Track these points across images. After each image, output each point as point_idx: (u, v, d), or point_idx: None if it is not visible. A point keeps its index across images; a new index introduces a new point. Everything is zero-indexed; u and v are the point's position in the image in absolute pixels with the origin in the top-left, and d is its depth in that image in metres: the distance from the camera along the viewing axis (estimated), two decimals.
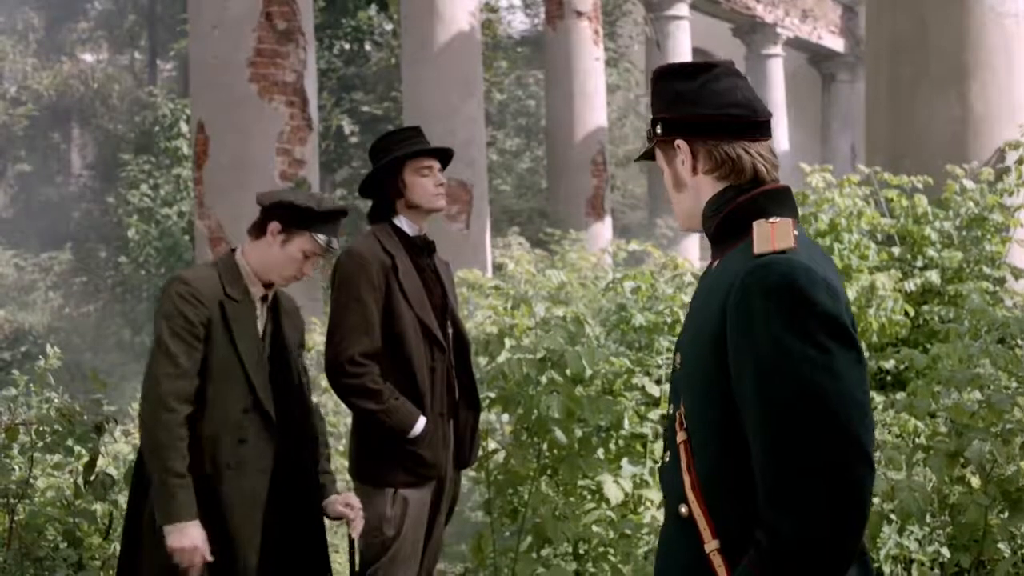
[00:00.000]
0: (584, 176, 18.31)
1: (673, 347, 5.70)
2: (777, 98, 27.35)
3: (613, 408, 4.94)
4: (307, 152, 9.85)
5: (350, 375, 4.39)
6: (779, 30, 27.22)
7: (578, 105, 18.26)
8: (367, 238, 4.63)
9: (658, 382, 5.53)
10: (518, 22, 23.64)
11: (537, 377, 4.90)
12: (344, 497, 4.24)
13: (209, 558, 3.78)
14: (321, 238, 4.02)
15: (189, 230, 12.38)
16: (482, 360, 5.16)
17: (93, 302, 16.45)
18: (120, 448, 6.58)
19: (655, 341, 5.56)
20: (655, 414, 5.54)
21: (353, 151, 17.81)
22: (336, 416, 7.98)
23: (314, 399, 8.45)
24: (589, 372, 4.97)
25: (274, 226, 4.03)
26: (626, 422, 5.34)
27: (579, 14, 18.50)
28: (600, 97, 18.82)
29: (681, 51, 23.76)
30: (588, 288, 7.53)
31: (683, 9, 23.72)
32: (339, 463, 7.55)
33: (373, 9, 18.18)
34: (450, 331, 4.70)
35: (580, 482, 5.38)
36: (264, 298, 4.12)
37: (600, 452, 5.27)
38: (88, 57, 26.62)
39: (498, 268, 12.64)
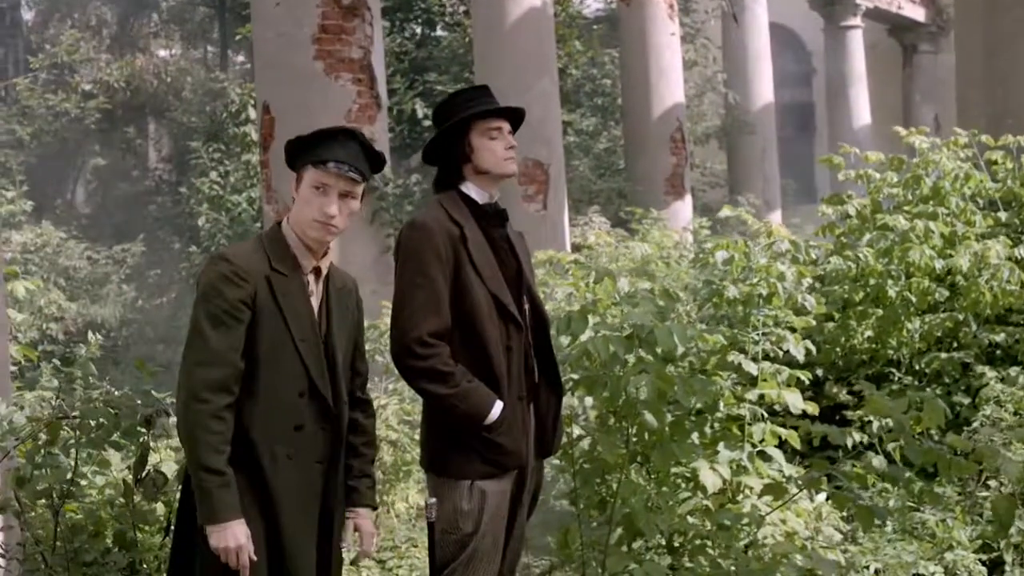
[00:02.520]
0: (663, 154, 17.78)
1: (769, 320, 5.29)
2: (858, 70, 26.74)
3: (709, 388, 4.51)
4: (376, 131, 9.49)
5: (418, 356, 4.01)
6: (858, 0, 26.53)
7: (654, 81, 17.74)
8: (432, 208, 4.24)
9: (755, 359, 5.08)
10: (594, 2, 23.13)
11: (624, 356, 4.48)
12: (360, 520, 3.93)
13: (254, 558, 3.46)
14: (326, 164, 3.62)
15: (259, 217, 12.08)
16: (563, 340, 4.74)
17: (166, 294, 16.28)
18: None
19: (750, 315, 5.11)
20: (753, 394, 5.09)
21: (427, 135, 17.45)
22: (412, 403, 7.63)
23: (389, 385, 8.19)
24: (680, 350, 4.53)
25: (294, 178, 3.71)
26: (721, 403, 4.91)
27: None
28: (677, 73, 18.29)
29: (759, 24, 23.23)
30: (671, 266, 7.07)
31: None
32: (414, 453, 7.20)
33: None
34: (527, 307, 4.31)
35: (673, 469, 4.95)
36: (317, 272, 3.75)
37: (694, 436, 4.84)
38: (162, 52, 26.58)
39: (576, 249, 12.23)
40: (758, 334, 5.04)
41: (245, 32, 15.74)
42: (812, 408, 5.25)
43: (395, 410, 7.25)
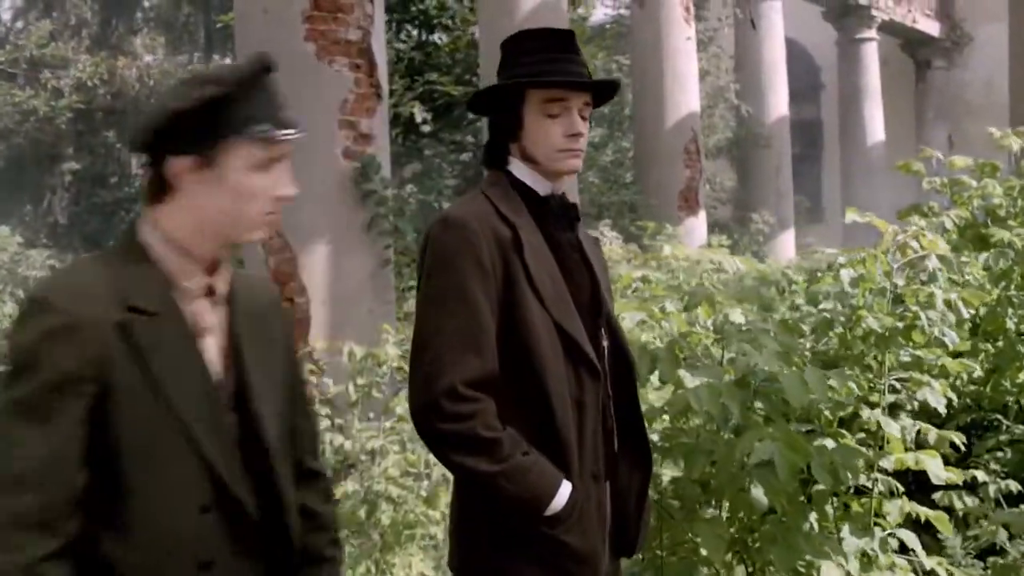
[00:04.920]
0: (676, 166, 16.62)
1: (914, 362, 4.03)
2: (872, 85, 25.69)
3: (854, 460, 3.23)
4: (375, 125, 8.19)
5: (449, 416, 2.72)
6: (874, 12, 25.47)
7: (669, 88, 16.55)
8: (473, 199, 2.95)
9: (893, 416, 3.79)
10: (600, 4, 21.97)
11: (731, 414, 3.20)
12: None
13: None
14: (264, 129, 2.26)
15: None
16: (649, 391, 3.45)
17: None
18: None
19: (888, 355, 3.82)
20: (887, 461, 3.79)
21: (426, 142, 16.18)
22: (416, 447, 6.35)
23: (387, 423, 6.91)
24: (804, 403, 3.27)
25: (179, 164, 2.20)
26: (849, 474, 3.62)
27: None
28: (693, 80, 17.13)
29: (775, 33, 22.07)
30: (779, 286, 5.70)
31: None
32: (418, 512, 5.89)
33: None
34: (605, 344, 3.03)
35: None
36: (211, 292, 2.29)
37: (812, 519, 3.57)
38: (148, 58, 25.55)
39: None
40: (894, 378, 3.78)
41: (228, 20, 14.46)
42: (957, 476, 3.99)
43: (396, 459, 5.95)
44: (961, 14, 29.01)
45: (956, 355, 4.37)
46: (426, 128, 15.52)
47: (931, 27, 28.36)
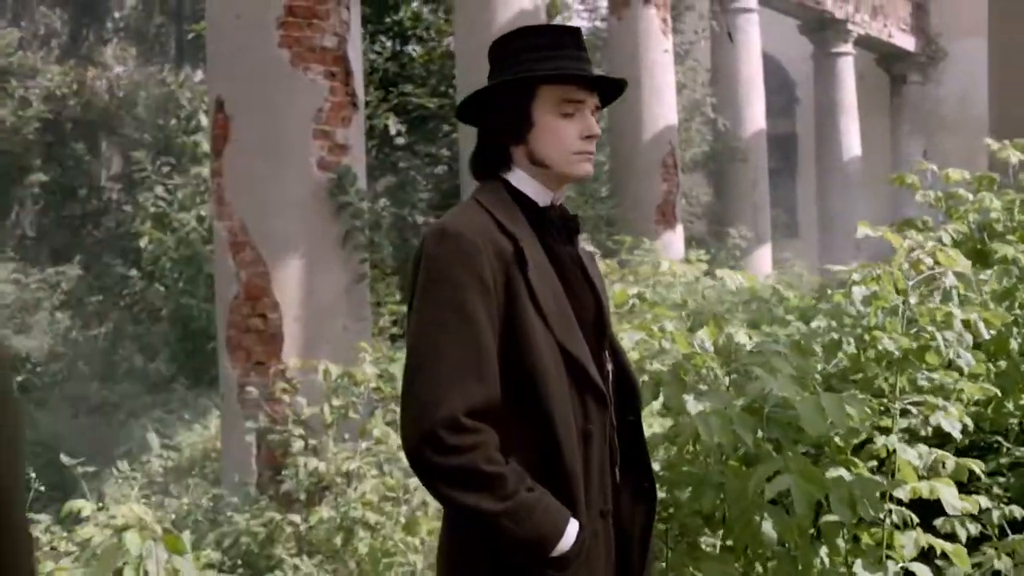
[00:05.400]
0: (653, 180, 16.42)
1: (932, 386, 3.80)
2: (848, 99, 25.63)
3: (873, 494, 2.99)
4: (351, 135, 7.93)
5: (448, 450, 2.46)
6: (850, 26, 25.38)
7: (646, 101, 16.33)
8: (469, 208, 2.70)
9: (908, 442, 3.56)
10: (577, 16, 21.75)
11: (740, 443, 2.96)
12: None
13: None
14: None
15: (210, 237, 10.49)
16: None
17: (105, 324, 14.63)
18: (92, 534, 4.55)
19: (903, 377, 3.58)
20: (902, 491, 3.55)
21: (400, 155, 15.91)
22: (393, 467, 6.09)
23: (363, 444, 6.65)
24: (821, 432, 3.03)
25: None
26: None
27: (646, 1, 16.63)
28: (670, 92, 16.93)
29: (751, 47, 21.90)
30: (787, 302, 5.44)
31: (751, 1, 21.89)
32: (397, 540, 5.61)
33: (417, 4, 16.36)
34: (609, 367, 2.80)
35: None
36: None
37: (823, 554, 3.33)
38: (119, 69, 25.22)
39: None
40: (906, 404, 3.54)
41: (199, 30, 14.19)
42: (972, 505, 3.76)
43: (374, 484, 5.69)
44: (936, 29, 29.01)
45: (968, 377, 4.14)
46: (400, 140, 15.26)
47: (906, 42, 28.33)
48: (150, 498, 7.91)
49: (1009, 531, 4.99)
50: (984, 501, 4.80)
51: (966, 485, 5.20)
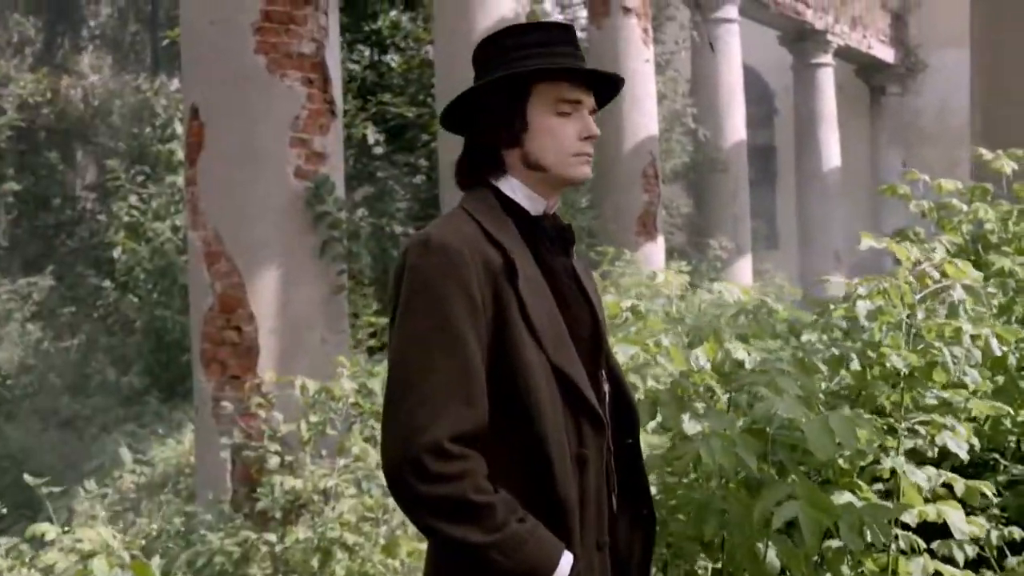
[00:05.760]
0: (634, 191, 16.24)
1: (941, 404, 3.63)
2: (828, 110, 25.55)
3: (884, 522, 2.82)
4: (329, 143, 7.73)
5: (434, 477, 2.27)
6: (829, 37, 25.31)
7: (627, 111, 16.15)
8: (455, 218, 2.52)
9: (920, 462, 3.38)
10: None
11: (742, 467, 2.78)
12: None
13: None
14: None
15: (185, 247, 10.29)
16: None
17: (77, 335, 14.36)
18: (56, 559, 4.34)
19: (910, 396, 3.40)
20: (909, 515, 3.37)
21: (378, 164, 15.70)
22: (372, 485, 5.89)
23: (341, 462, 6.46)
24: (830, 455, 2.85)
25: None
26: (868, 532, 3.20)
27: (627, 10, 16.47)
28: (651, 102, 16.78)
29: (732, 56, 21.79)
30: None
31: (732, 12, 21.75)
32: (375, 562, 5.41)
33: (395, 12, 16.15)
34: (606, 388, 2.62)
35: None
36: None
37: None
38: (93, 77, 24.95)
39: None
40: (916, 421, 3.36)
41: (174, 36, 13.95)
42: (979, 529, 3.60)
43: (352, 504, 5.49)
44: (915, 41, 29.00)
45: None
46: (379, 150, 15.08)
47: (886, 53, 28.29)
48: (121, 517, 7.69)
49: (1008, 553, 4.83)
50: (982, 521, 4.64)
51: (964, 505, 5.04)
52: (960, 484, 3.52)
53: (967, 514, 4.69)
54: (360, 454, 5.85)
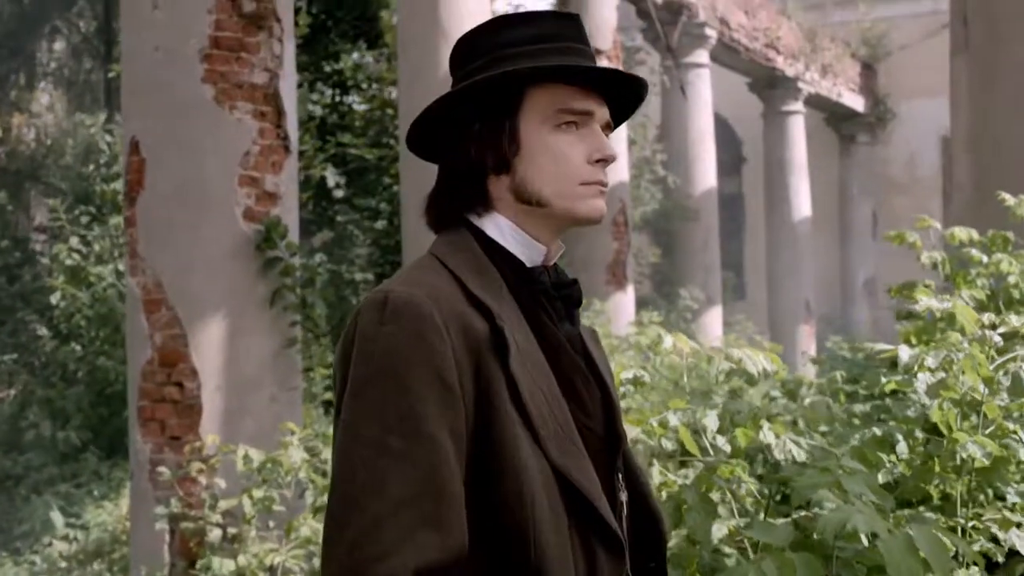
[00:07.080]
0: (604, 238, 15.70)
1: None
2: (798, 158, 25.18)
3: None
4: (282, 182, 7.07)
5: None
6: (800, 85, 24.98)
7: None
8: (426, 269, 1.87)
9: (990, 568, 2.74)
10: None
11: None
12: None
13: None
14: None
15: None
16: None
17: (15, 385, 13.59)
18: None
19: (981, 490, 2.76)
20: None
21: (338, 208, 15.06)
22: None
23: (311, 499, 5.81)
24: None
25: None
26: None
27: (598, 52, 16.00)
28: (621, 147, 16.29)
29: (702, 102, 21.36)
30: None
31: (703, 56, 21.33)
32: None
33: (358, 54, 15.57)
34: (623, 498, 1.97)
35: None
36: None
37: None
38: (48, 117, 24.37)
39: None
40: (986, 523, 2.73)
41: (119, 69, 13.31)
42: None
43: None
44: (884, 90, 28.79)
45: None
46: (339, 193, 14.45)
47: (855, 102, 28.06)
48: None
49: None
50: None
51: None
52: None
53: None
54: (311, 536, 5.18)
